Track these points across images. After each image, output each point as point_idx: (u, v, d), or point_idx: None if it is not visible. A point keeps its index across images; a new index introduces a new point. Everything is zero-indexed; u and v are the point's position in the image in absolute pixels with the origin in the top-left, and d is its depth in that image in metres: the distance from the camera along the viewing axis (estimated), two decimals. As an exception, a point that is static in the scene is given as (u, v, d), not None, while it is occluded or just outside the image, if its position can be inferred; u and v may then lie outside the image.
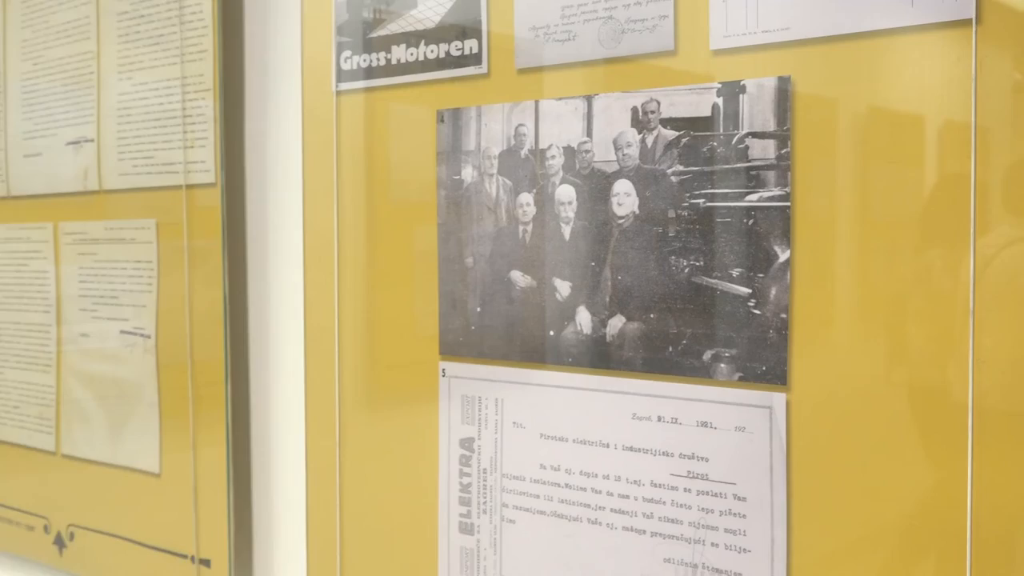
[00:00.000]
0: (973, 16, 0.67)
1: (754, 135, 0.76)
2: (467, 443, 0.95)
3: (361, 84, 1.02)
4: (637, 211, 0.83)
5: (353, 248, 1.03)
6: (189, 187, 1.11)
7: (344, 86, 1.03)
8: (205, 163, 1.10)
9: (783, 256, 0.76)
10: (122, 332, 1.18)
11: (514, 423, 0.91)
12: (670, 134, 0.81)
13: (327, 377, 1.06)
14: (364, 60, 1.00)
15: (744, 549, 0.77)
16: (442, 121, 0.94)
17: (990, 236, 0.67)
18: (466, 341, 0.94)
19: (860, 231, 0.73)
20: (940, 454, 0.69)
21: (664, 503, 0.82)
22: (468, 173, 0.93)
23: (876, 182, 0.72)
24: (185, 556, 1.12)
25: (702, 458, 0.80)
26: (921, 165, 0.70)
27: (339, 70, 1.03)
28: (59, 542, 1.26)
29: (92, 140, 1.19)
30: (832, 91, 0.74)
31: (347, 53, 1.02)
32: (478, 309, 0.93)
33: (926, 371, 0.71)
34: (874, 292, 0.73)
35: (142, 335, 1.16)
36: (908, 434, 0.71)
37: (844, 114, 0.73)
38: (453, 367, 0.95)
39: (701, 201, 0.79)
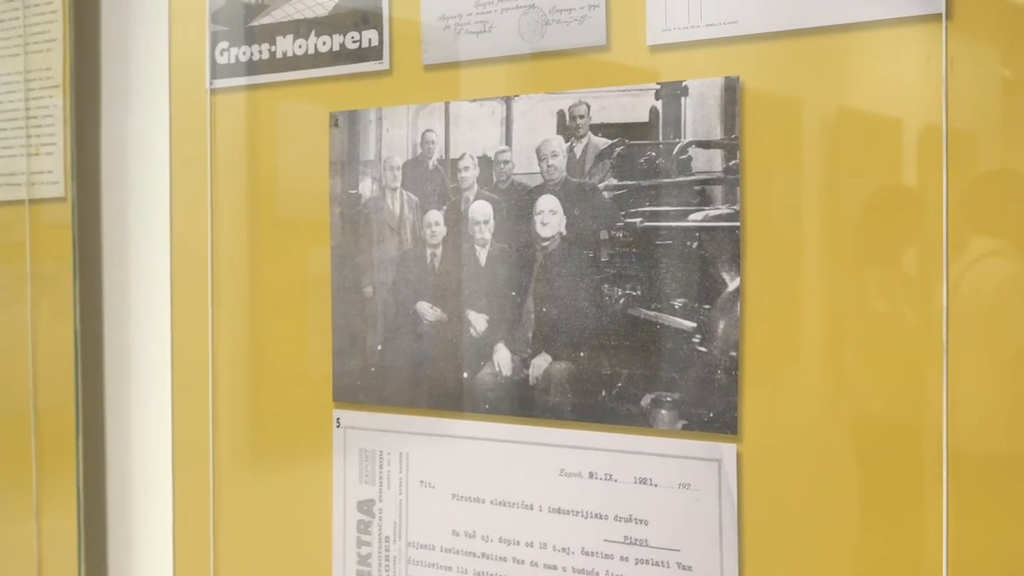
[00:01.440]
0: (943, 11, 0.67)
1: (698, 144, 0.75)
2: (366, 506, 0.92)
3: (240, 81, 0.99)
4: (564, 232, 0.81)
5: (231, 274, 1.01)
6: (33, 202, 1.08)
7: (220, 83, 1.00)
8: (53, 173, 1.07)
9: (732, 284, 0.74)
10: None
11: (422, 482, 0.89)
12: (602, 142, 0.79)
13: (199, 428, 1.03)
14: (244, 53, 0.98)
15: (691, 628, 0.77)
16: (336, 125, 0.92)
17: (964, 258, 0.67)
18: (365, 385, 0.91)
19: (819, 254, 0.72)
20: (912, 511, 0.69)
21: (598, 574, 0.80)
22: (367, 187, 0.91)
23: (837, 198, 0.72)
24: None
25: (641, 520, 0.78)
26: (887, 177, 0.70)
27: (214, 64, 1.01)
28: None
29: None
30: (787, 94, 0.73)
31: (223, 44, 1.00)
32: (379, 347, 0.90)
33: (896, 416, 0.70)
34: (836, 325, 0.72)
35: (-27, 378, 1.13)
36: (877, 489, 0.70)
37: (800, 121, 0.73)
38: (349, 416, 0.93)
39: (638, 220, 0.78)
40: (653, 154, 0.77)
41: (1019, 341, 0.66)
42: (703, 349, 0.75)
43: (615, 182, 0.79)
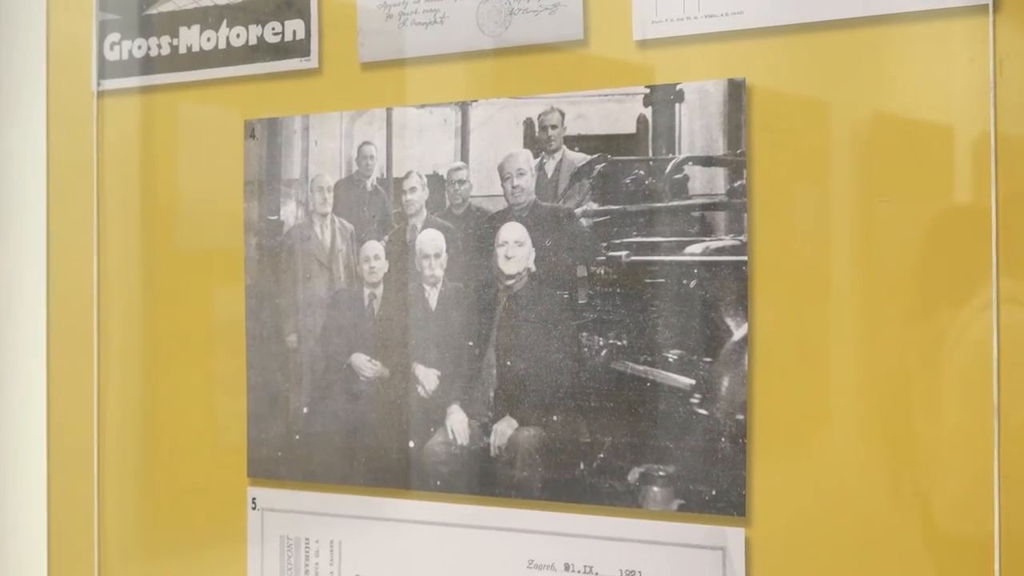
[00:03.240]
0: (990, 1, 0.66)
1: (696, 161, 0.75)
2: (289, 608, 0.91)
3: (134, 81, 0.98)
4: (533, 267, 0.80)
5: (121, 319, 0.99)
6: None
7: (109, 84, 0.99)
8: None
9: (738, 332, 0.73)
10: None
11: (358, 576, 0.85)
12: (579, 158, 0.79)
13: (81, 510, 1.00)
14: (139, 47, 0.97)
15: None
16: (253, 136, 0.91)
17: (1019, 298, 0.66)
18: (288, 457, 0.90)
19: (844, 296, 0.71)
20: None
21: None
22: (290, 211, 0.90)
23: (867, 227, 0.71)
24: None
25: (629, 624, 0.77)
26: (928, 201, 0.69)
27: (102, 61, 0.99)
28: None
29: None
30: (804, 100, 0.73)
31: (114, 37, 0.98)
32: (305, 410, 0.89)
33: (941, 494, 0.68)
34: (865, 382, 0.71)
35: None
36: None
37: (821, 132, 0.72)
38: (268, 495, 0.91)
39: (623, 254, 0.77)
40: (641, 172, 0.76)
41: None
42: (703, 412, 0.74)
43: (595, 207, 0.78)
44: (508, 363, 0.81)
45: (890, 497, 0.69)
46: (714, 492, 0.73)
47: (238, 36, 0.91)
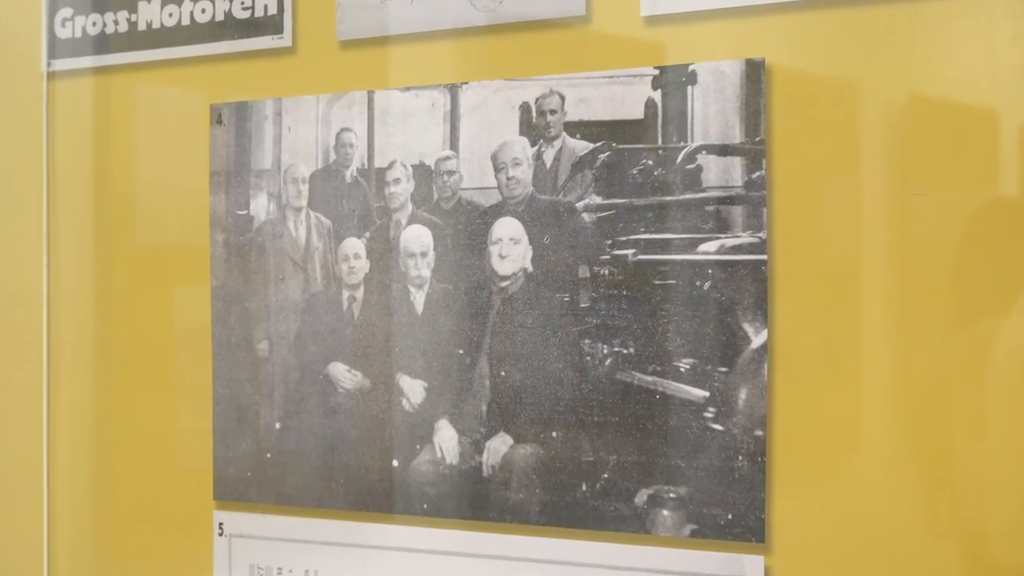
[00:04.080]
0: None
1: (710, 149, 0.74)
2: (259, 644, 0.90)
3: (88, 61, 0.97)
4: (530, 267, 0.80)
5: (73, 324, 0.98)
6: None
7: (61, 64, 0.98)
8: None
9: (757, 339, 0.72)
10: None
11: (336, 610, 0.86)
12: (581, 147, 0.78)
13: (29, 540, 0.99)
14: (94, 24, 0.96)
15: None
16: (219, 122, 0.90)
17: None
18: (257, 477, 0.89)
19: (874, 299, 0.70)
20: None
21: None
22: (261, 205, 0.88)
23: (897, 223, 0.70)
24: None
25: (636, 661, 0.77)
26: (964, 193, 0.68)
27: (53, 39, 0.99)
28: None
29: None
30: (830, 83, 0.71)
31: (66, 12, 0.98)
32: (277, 425, 0.88)
33: (982, 519, 0.67)
34: (897, 394, 0.70)
35: None
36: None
37: (848, 118, 0.71)
38: (236, 520, 0.90)
39: (630, 252, 0.76)
40: (650, 162, 0.76)
41: None
42: (719, 427, 0.73)
43: (599, 200, 0.77)
44: (502, 373, 0.80)
45: (927, 524, 0.69)
46: (730, 516, 0.72)
47: (203, 11, 0.91)
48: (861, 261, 0.70)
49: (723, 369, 0.73)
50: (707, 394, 0.73)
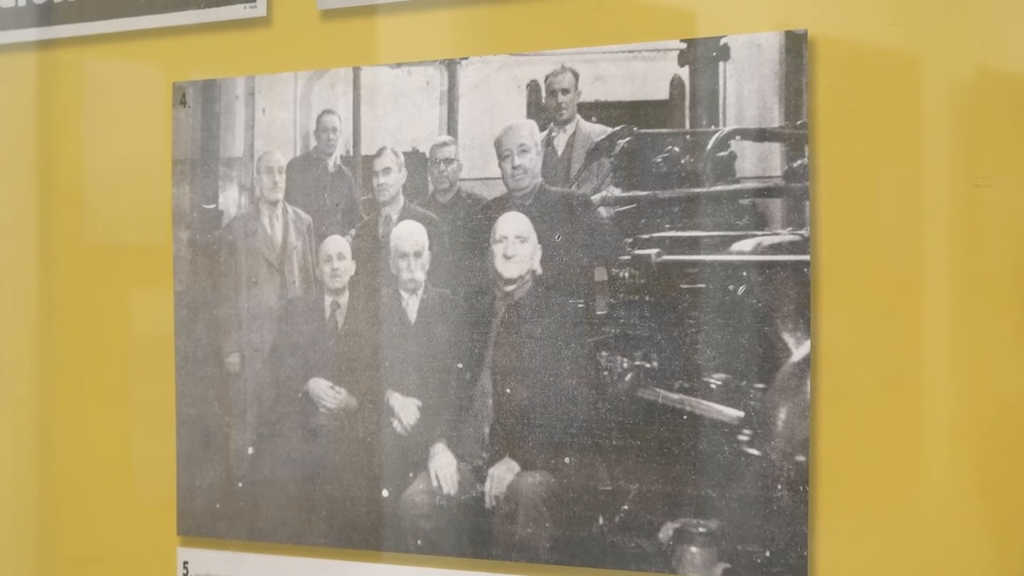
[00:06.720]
0: None
1: (745, 135, 0.73)
2: None
3: (32, 34, 0.97)
4: (539, 270, 0.79)
5: (12, 332, 0.97)
6: None
7: (0, 37, 0.97)
8: None
9: (799, 352, 0.72)
10: None
11: (317, 660, 0.82)
12: (597, 131, 0.78)
13: None
14: None
15: None
16: (184, 103, 0.90)
17: None
18: (228, 510, 0.88)
19: (934, 306, 0.69)
20: None
21: None
22: (231, 199, 0.88)
23: (962, 218, 0.68)
24: None
25: None
26: None
27: None
28: None
29: None
30: (883, 57, 0.70)
31: None
32: (250, 450, 0.87)
33: None
34: (960, 416, 0.69)
35: None
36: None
37: (905, 98, 0.69)
38: (203, 558, 0.90)
39: (653, 252, 0.75)
40: (676, 149, 0.75)
41: None
42: (755, 452, 0.73)
43: (618, 193, 0.77)
44: (507, 391, 0.80)
45: (996, 567, 0.68)
46: (768, 553, 0.72)
47: (165, -23, 0.76)
48: (919, 262, 0.70)
49: (760, 386, 0.72)
50: (742, 414, 0.73)
